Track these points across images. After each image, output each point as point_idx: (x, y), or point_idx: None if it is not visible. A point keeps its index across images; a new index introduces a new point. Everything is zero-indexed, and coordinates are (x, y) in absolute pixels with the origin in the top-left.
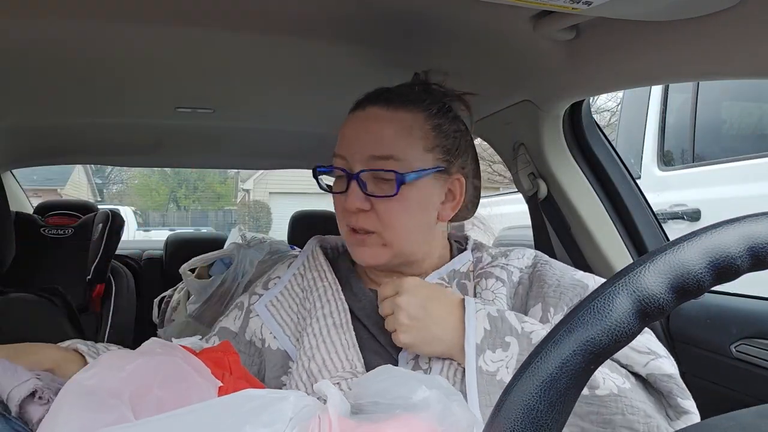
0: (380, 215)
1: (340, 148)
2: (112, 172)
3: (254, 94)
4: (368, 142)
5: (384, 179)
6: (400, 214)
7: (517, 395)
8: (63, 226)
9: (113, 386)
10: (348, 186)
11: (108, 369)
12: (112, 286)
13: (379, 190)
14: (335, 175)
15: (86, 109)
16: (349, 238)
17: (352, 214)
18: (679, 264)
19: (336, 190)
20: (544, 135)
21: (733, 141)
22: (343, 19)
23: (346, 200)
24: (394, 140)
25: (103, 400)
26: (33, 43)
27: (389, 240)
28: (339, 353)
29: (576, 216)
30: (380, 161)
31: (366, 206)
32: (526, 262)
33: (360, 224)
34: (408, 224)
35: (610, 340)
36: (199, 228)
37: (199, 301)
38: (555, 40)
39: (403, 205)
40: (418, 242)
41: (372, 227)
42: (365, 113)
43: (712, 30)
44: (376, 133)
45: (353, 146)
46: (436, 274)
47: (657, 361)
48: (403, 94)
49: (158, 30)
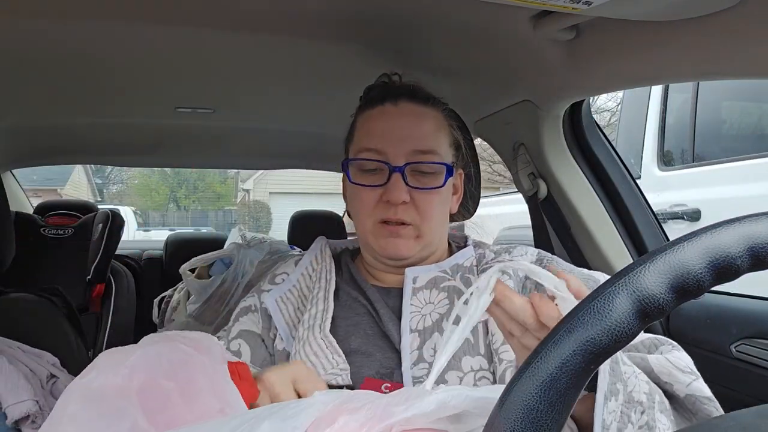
0: (420, 207)
1: (374, 141)
2: (112, 172)
3: (254, 94)
4: (410, 137)
5: (426, 172)
6: (437, 207)
7: (517, 395)
8: (63, 226)
9: (118, 384)
10: (389, 179)
11: (109, 367)
12: (112, 286)
13: (422, 184)
14: (366, 168)
15: (86, 109)
16: (380, 230)
17: (391, 207)
18: (679, 264)
19: (372, 183)
20: (544, 135)
21: (733, 141)
22: (342, 19)
23: (388, 193)
24: (434, 135)
25: (113, 404)
26: (33, 43)
27: (423, 231)
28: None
29: (576, 216)
30: (424, 155)
31: (407, 198)
32: (531, 259)
33: (399, 216)
34: (439, 216)
35: (610, 340)
36: (199, 228)
37: (199, 301)
38: (555, 40)
39: (439, 198)
40: (440, 234)
41: (410, 219)
42: (399, 108)
43: (712, 30)
44: (418, 128)
45: (393, 140)
46: (437, 267)
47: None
48: (423, 92)
49: (158, 30)
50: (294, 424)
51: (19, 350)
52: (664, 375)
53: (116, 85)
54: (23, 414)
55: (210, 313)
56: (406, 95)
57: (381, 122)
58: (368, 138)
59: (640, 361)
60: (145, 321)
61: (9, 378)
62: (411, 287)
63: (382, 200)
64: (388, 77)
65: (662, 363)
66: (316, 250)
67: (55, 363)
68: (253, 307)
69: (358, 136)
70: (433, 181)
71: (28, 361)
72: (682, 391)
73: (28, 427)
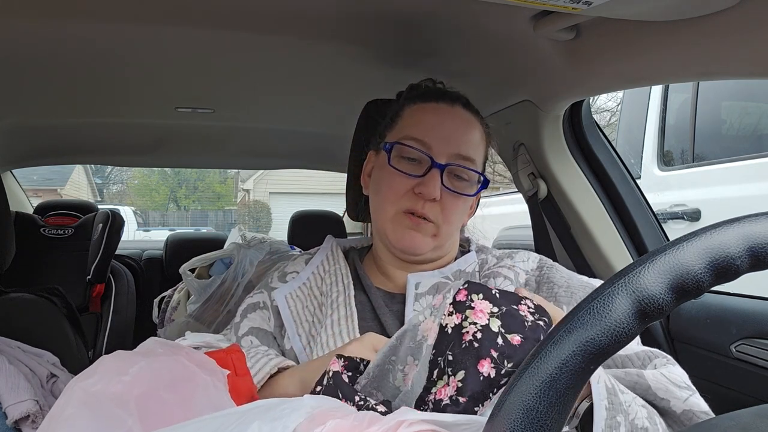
0: (446, 208)
1: (422, 132)
2: (112, 172)
3: (254, 94)
4: (458, 140)
5: (461, 177)
6: (460, 212)
7: (517, 395)
8: (63, 226)
9: (118, 391)
10: (427, 172)
11: (112, 374)
12: (112, 286)
13: (455, 187)
14: (407, 155)
15: (86, 109)
16: (402, 220)
17: (420, 200)
18: (678, 264)
19: (409, 172)
20: (544, 135)
21: (733, 141)
22: (343, 19)
23: (423, 185)
24: (478, 145)
25: (110, 410)
26: (33, 43)
27: (441, 232)
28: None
29: (576, 216)
30: (465, 161)
31: (438, 196)
32: (532, 265)
33: (425, 211)
34: (458, 222)
35: (609, 341)
36: (199, 228)
37: (199, 301)
38: (555, 40)
39: (465, 205)
40: (454, 239)
41: (434, 217)
42: (454, 110)
43: (712, 30)
44: (466, 134)
45: (441, 138)
46: (439, 272)
47: (695, 397)
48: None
49: (158, 30)
50: (285, 423)
51: (19, 350)
52: (661, 391)
53: (116, 85)
54: (23, 414)
55: (210, 313)
56: (461, 102)
57: (435, 117)
58: (417, 128)
59: (637, 378)
60: (145, 321)
61: (9, 378)
62: (414, 293)
63: (414, 191)
64: (432, 82)
65: (659, 379)
66: (327, 249)
67: (55, 363)
68: (261, 304)
69: (405, 124)
70: (466, 187)
71: (28, 360)
72: (678, 407)
73: (28, 426)
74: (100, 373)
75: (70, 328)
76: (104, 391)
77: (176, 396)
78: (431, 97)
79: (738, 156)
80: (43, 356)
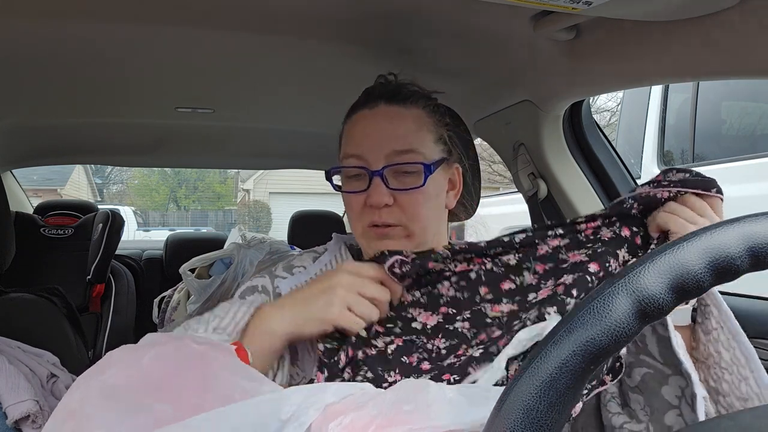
0: (404, 208)
1: (354, 147)
2: (112, 172)
3: (254, 94)
4: (388, 139)
5: (407, 172)
6: (423, 205)
7: (517, 395)
8: (63, 226)
9: (138, 380)
10: (370, 183)
11: (126, 365)
12: (112, 286)
13: (403, 184)
14: (350, 175)
15: (86, 108)
16: (371, 233)
17: (375, 211)
18: (678, 264)
19: (353, 190)
20: (544, 135)
21: (733, 141)
22: (343, 19)
23: (370, 197)
24: (412, 134)
25: (134, 400)
26: (33, 43)
27: (414, 231)
28: None
29: (576, 216)
30: (402, 155)
31: (390, 201)
32: None
33: (384, 219)
34: (429, 214)
35: (609, 341)
36: (199, 228)
37: (199, 301)
38: (555, 40)
39: (425, 196)
40: (435, 231)
41: (396, 221)
42: (376, 111)
43: (712, 30)
44: (395, 129)
45: (371, 144)
46: None
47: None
48: (403, 92)
49: (158, 30)
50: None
51: (19, 350)
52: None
53: (116, 85)
54: (23, 414)
55: None
56: (383, 98)
57: (359, 128)
58: (351, 144)
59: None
60: (145, 321)
61: (9, 378)
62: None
63: (367, 205)
64: (384, 78)
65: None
66: (336, 250)
67: (55, 363)
68: (260, 287)
69: (344, 143)
70: (415, 180)
71: (29, 360)
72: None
73: (29, 426)
74: (113, 366)
75: (70, 328)
76: (124, 383)
77: (195, 373)
78: (357, 107)
79: (738, 156)
80: (43, 356)
